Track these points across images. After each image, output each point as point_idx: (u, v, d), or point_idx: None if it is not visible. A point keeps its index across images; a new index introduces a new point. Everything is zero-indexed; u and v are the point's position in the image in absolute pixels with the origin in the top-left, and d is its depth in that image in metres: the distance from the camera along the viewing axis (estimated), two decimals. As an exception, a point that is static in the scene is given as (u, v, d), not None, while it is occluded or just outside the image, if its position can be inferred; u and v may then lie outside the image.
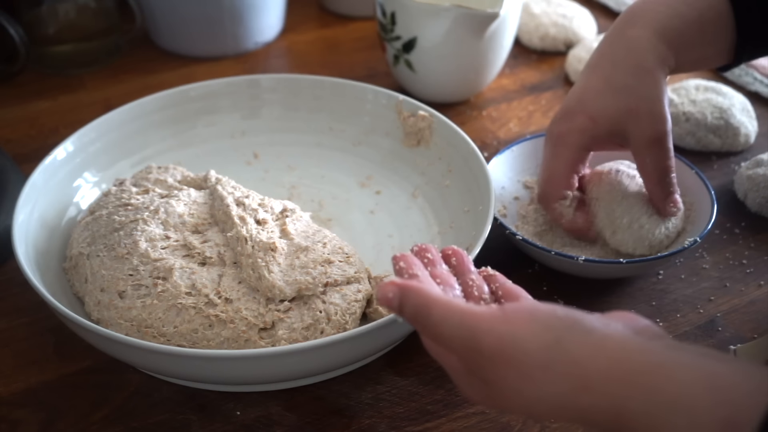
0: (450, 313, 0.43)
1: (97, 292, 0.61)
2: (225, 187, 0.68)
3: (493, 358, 0.41)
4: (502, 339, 0.41)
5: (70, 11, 0.95)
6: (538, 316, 0.42)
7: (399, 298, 0.44)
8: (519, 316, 0.42)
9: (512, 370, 0.41)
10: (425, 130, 0.77)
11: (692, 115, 0.84)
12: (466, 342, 0.42)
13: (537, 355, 0.40)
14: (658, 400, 0.38)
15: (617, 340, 0.40)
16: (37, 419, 0.59)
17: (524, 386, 0.41)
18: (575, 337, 0.40)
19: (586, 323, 0.41)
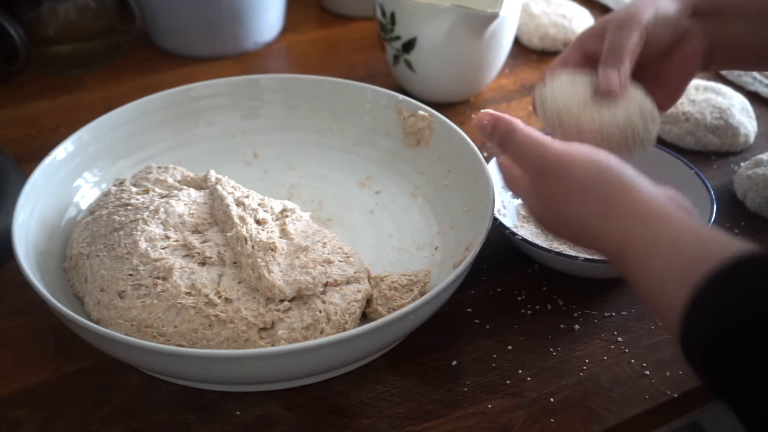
0: (528, 137, 0.54)
1: (97, 292, 0.61)
2: (225, 187, 0.68)
3: (550, 174, 0.52)
4: (561, 161, 0.52)
5: (71, 11, 0.95)
6: (594, 154, 0.52)
7: (491, 124, 0.56)
8: (580, 149, 0.52)
9: (561, 185, 0.52)
10: (425, 130, 0.77)
11: (692, 115, 0.84)
12: (535, 160, 0.53)
13: (582, 178, 0.51)
14: (654, 234, 0.47)
15: (645, 191, 0.49)
16: (37, 419, 0.59)
17: (565, 199, 0.51)
18: (615, 177, 0.50)
19: (629, 171, 0.51)
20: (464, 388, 0.61)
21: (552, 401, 0.60)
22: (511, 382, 0.61)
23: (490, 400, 0.60)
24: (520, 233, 0.69)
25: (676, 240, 0.46)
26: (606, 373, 0.62)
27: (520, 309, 0.67)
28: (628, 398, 0.60)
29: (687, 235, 0.46)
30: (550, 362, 0.63)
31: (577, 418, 0.59)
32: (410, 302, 0.62)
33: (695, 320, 0.43)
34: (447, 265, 0.68)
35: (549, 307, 0.67)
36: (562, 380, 0.61)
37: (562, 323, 0.66)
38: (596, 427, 0.58)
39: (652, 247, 0.47)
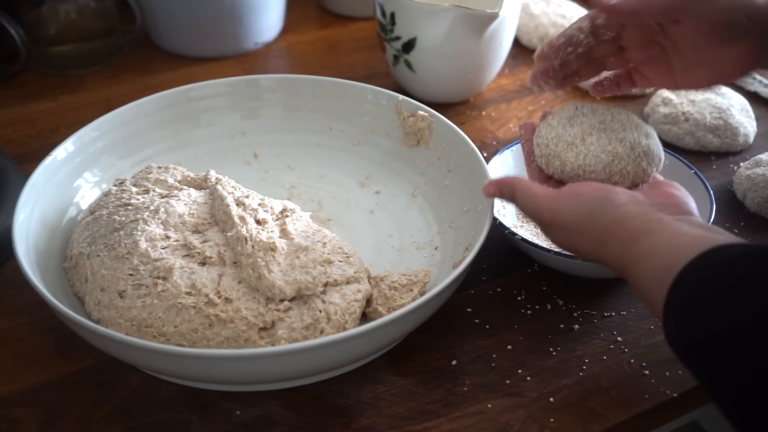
0: (526, 194, 0.60)
1: (97, 292, 0.61)
2: (225, 187, 0.69)
3: (548, 224, 0.59)
4: (554, 212, 0.58)
5: (71, 12, 0.95)
6: (581, 197, 0.57)
7: (498, 191, 0.63)
8: (567, 196, 0.58)
9: (561, 232, 0.58)
10: (425, 130, 0.77)
11: (691, 115, 0.84)
12: (534, 214, 0.60)
13: (575, 224, 0.57)
14: (637, 252, 0.52)
15: (632, 214, 0.55)
16: (37, 418, 0.59)
17: (568, 242, 0.59)
18: (603, 213, 0.56)
19: (615, 199, 0.56)
20: (464, 388, 0.61)
21: (552, 401, 0.60)
22: (510, 381, 0.61)
23: (490, 400, 0.60)
24: (519, 233, 0.69)
25: (654, 249, 0.51)
26: (606, 372, 0.62)
27: (519, 309, 0.67)
28: (627, 398, 0.60)
29: (665, 242, 0.51)
30: (550, 362, 0.63)
31: (577, 417, 0.59)
32: (410, 302, 0.62)
33: (670, 321, 0.48)
34: (447, 264, 0.68)
35: (549, 307, 0.67)
36: (561, 380, 0.61)
37: (561, 323, 0.66)
38: (596, 426, 0.58)
39: (638, 263, 0.52)
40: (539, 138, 0.67)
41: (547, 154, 0.66)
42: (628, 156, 0.63)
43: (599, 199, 0.57)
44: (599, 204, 0.56)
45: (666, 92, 0.88)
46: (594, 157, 0.63)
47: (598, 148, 0.63)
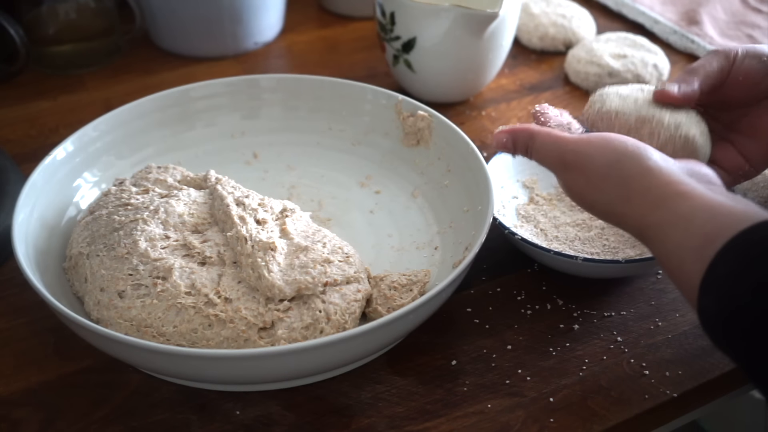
0: (548, 137, 0.57)
1: (96, 292, 0.61)
2: (225, 186, 0.69)
3: (571, 167, 0.55)
4: (579, 154, 0.55)
5: (70, 11, 0.95)
6: (611, 143, 0.54)
7: (511, 138, 0.59)
8: (596, 141, 0.55)
9: (582, 177, 0.55)
10: (425, 130, 0.77)
11: (691, 115, 0.84)
12: (556, 157, 0.56)
13: (600, 168, 0.54)
14: (669, 216, 0.49)
15: (662, 171, 0.51)
16: (37, 419, 0.59)
17: (587, 189, 0.55)
18: (632, 162, 0.52)
19: (647, 154, 0.53)
20: (464, 388, 0.61)
21: (551, 401, 0.60)
22: (510, 381, 0.61)
23: (490, 400, 0.60)
24: (519, 233, 0.69)
25: (691, 217, 0.48)
26: (605, 372, 0.62)
27: (519, 309, 0.67)
28: (627, 398, 0.60)
29: (702, 210, 0.48)
30: (550, 362, 0.63)
31: (577, 417, 0.59)
32: (410, 302, 0.62)
33: (710, 295, 0.46)
34: (446, 264, 0.68)
35: (548, 307, 0.67)
36: (561, 380, 0.61)
37: (561, 323, 0.66)
38: (596, 426, 0.58)
39: (669, 227, 0.49)
40: (613, 95, 0.64)
41: (616, 111, 0.63)
42: (668, 127, 0.62)
43: (630, 148, 0.53)
44: (629, 153, 0.53)
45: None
46: (636, 110, 0.62)
47: (646, 107, 0.63)
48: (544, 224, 0.73)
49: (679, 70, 0.97)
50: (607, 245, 0.71)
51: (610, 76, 0.92)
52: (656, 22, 1.05)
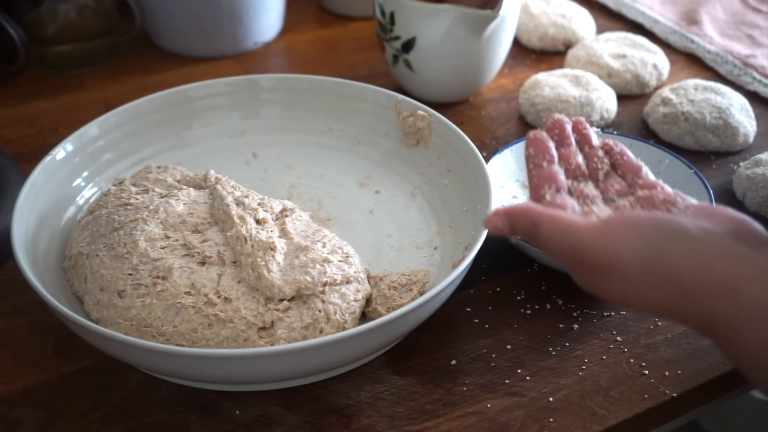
0: (557, 227, 0.47)
1: (96, 292, 0.61)
2: (225, 186, 0.68)
3: (596, 267, 0.45)
4: (604, 251, 0.45)
5: (70, 11, 0.95)
6: (639, 228, 0.45)
7: (508, 225, 0.49)
8: (620, 228, 0.45)
9: (614, 278, 0.45)
10: (424, 129, 0.77)
11: (691, 114, 0.84)
12: (573, 255, 0.46)
13: (638, 266, 0.44)
14: (743, 306, 0.41)
15: (714, 249, 0.43)
16: (36, 418, 0.59)
17: (625, 290, 0.45)
18: (675, 248, 0.43)
19: (687, 233, 0.44)
20: (463, 388, 0.61)
21: (551, 401, 0.60)
22: (510, 381, 0.61)
23: (489, 400, 0.60)
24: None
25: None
26: (605, 372, 0.62)
27: (519, 308, 0.67)
28: (627, 398, 0.60)
29: None
30: (549, 362, 0.63)
31: (576, 417, 0.59)
32: (409, 302, 0.62)
33: None
34: (446, 264, 0.68)
35: (548, 307, 0.67)
36: (561, 380, 0.61)
37: (561, 323, 0.66)
38: (595, 426, 0.58)
39: (745, 321, 0.41)
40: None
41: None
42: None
43: (666, 230, 0.44)
44: (668, 237, 0.44)
45: (666, 92, 0.88)
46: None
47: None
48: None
49: (679, 69, 0.98)
50: (607, 245, 0.70)
51: (609, 76, 0.92)
52: (656, 22, 1.05)
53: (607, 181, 0.54)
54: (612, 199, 0.52)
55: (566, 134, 0.55)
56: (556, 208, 0.50)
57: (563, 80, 0.88)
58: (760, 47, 1.00)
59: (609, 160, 0.55)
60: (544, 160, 0.53)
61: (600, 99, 0.86)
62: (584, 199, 0.52)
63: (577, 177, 0.53)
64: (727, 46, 1.00)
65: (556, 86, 0.87)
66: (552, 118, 0.56)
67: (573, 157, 0.54)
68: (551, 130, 0.55)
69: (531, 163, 0.53)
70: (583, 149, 0.55)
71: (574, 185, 0.53)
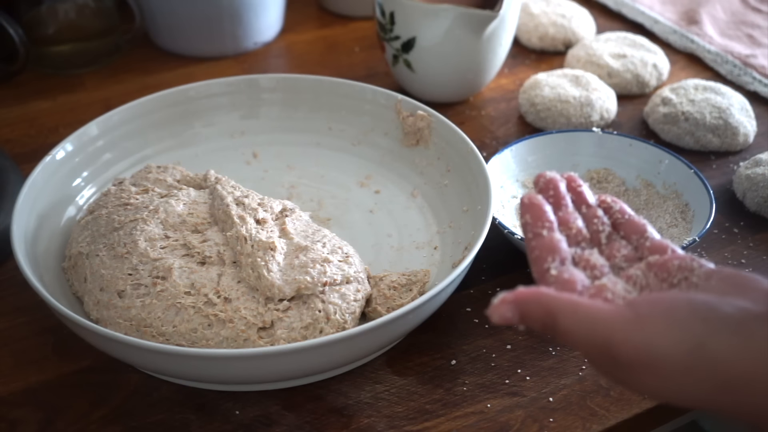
0: (578, 320, 0.41)
1: (96, 292, 0.61)
2: (224, 186, 0.68)
3: (629, 365, 0.40)
4: (639, 347, 0.40)
5: (70, 11, 0.95)
6: (676, 318, 0.40)
7: (519, 315, 0.42)
8: (654, 318, 0.40)
9: (650, 375, 0.40)
10: (424, 129, 0.77)
11: (691, 114, 0.84)
12: (600, 350, 0.41)
13: (678, 361, 0.39)
14: None
15: (761, 337, 0.39)
16: (36, 418, 0.59)
17: (668, 388, 0.40)
18: (719, 340, 0.39)
19: (730, 320, 0.39)
20: (463, 388, 0.61)
21: (551, 401, 0.60)
22: (510, 381, 0.61)
23: (489, 400, 0.60)
24: (519, 233, 0.69)
25: None
26: (605, 372, 0.62)
27: (519, 308, 0.67)
28: (627, 398, 0.60)
29: None
30: (549, 362, 0.63)
31: (577, 417, 0.59)
32: (409, 302, 0.62)
33: None
34: (446, 264, 0.68)
35: (548, 307, 0.67)
36: (561, 380, 0.61)
37: (561, 323, 0.66)
38: (595, 426, 0.58)
39: None
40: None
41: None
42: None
43: (708, 319, 0.39)
44: (710, 327, 0.39)
45: (666, 92, 0.87)
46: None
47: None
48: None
49: (679, 69, 0.98)
50: (607, 245, 0.70)
51: (609, 76, 0.92)
52: (656, 22, 1.05)
53: (611, 245, 0.48)
54: (621, 267, 0.47)
55: (561, 194, 0.49)
56: (564, 284, 0.45)
57: (563, 80, 0.88)
58: (760, 47, 1.00)
59: (609, 220, 0.49)
60: (543, 228, 0.47)
61: (600, 99, 0.86)
62: (591, 270, 0.46)
63: (579, 243, 0.48)
64: (727, 46, 1.00)
65: (556, 86, 0.87)
66: (544, 177, 0.50)
67: (573, 222, 0.48)
68: (545, 191, 0.49)
69: (530, 233, 0.47)
70: (580, 209, 0.50)
71: (577, 253, 0.47)
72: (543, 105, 0.86)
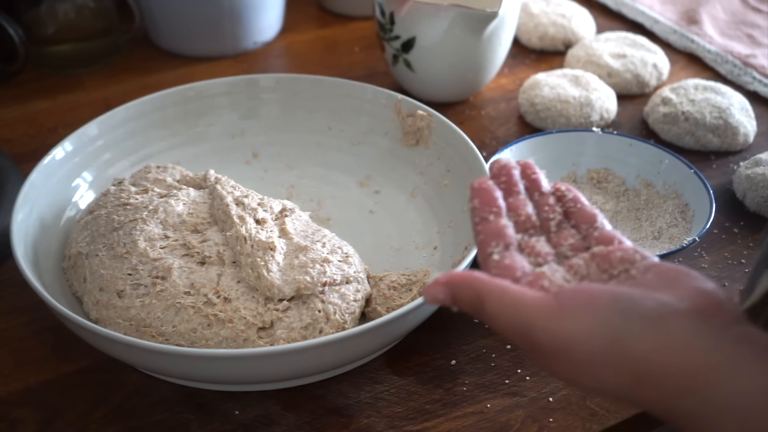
0: (503, 305, 0.42)
1: (95, 292, 0.61)
2: (224, 186, 0.68)
3: (550, 353, 0.41)
4: (559, 337, 0.40)
5: (70, 11, 0.95)
6: (596, 310, 0.40)
7: (450, 297, 0.44)
8: (575, 310, 0.40)
9: (571, 365, 0.40)
10: (424, 129, 0.77)
11: (691, 114, 0.84)
12: (523, 336, 0.41)
13: (593, 352, 0.39)
14: (712, 402, 0.37)
15: (678, 336, 0.39)
16: (35, 418, 0.59)
17: (583, 377, 0.41)
18: (635, 335, 0.39)
19: (648, 314, 0.39)
20: (463, 388, 0.61)
21: (551, 401, 0.60)
22: (510, 381, 0.61)
23: (489, 400, 0.60)
24: (519, 233, 0.69)
25: (744, 405, 0.37)
26: (605, 372, 0.62)
27: (519, 308, 0.67)
28: (627, 398, 0.60)
29: (759, 395, 0.37)
30: (549, 362, 0.63)
31: (576, 417, 0.59)
32: (409, 302, 0.62)
33: None
34: (446, 264, 0.68)
35: (548, 307, 0.67)
36: (561, 380, 0.61)
37: (561, 323, 0.66)
38: (595, 426, 0.58)
39: (713, 418, 0.38)
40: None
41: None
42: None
43: (624, 314, 0.40)
44: (628, 321, 0.39)
45: (666, 91, 0.87)
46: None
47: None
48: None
49: (679, 69, 0.98)
50: (607, 245, 0.70)
51: (609, 76, 0.92)
52: (656, 22, 1.05)
53: (560, 233, 0.48)
54: (566, 255, 0.46)
55: (514, 181, 0.49)
56: (504, 270, 0.45)
57: (563, 80, 0.88)
58: (760, 47, 1.00)
59: (562, 208, 0.49)
60: (490, 213, 0.47)
61: (600, 99, 0.86)
62: (535, 257, 0.46)
63: (528, 230, 0.47)
64: (727, 46, 1.00)
65: (555, 86, 0.87)
66: (498, 164, 0.49)
67: (522, 208, 0.48)
68: (497, 177, 0.49)
69: (477, 217, 0.47)
70: (533, 196, 0.49)
71: (524, 240, 0.47)
72: (543, 105, 0.86)
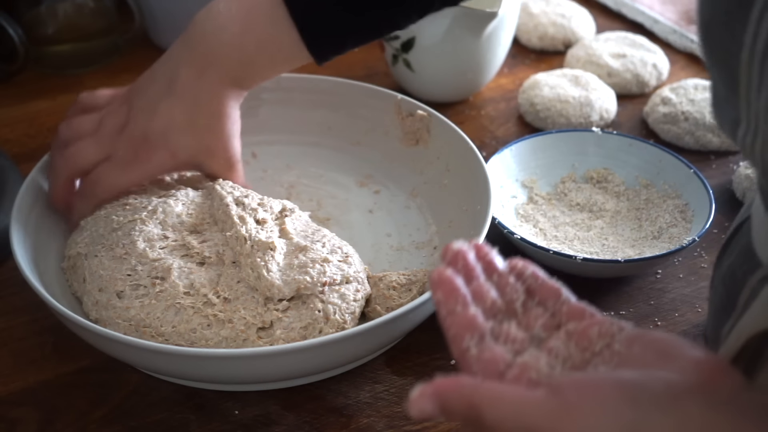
0: (503, 412, 0.39)
1: (95, 292, 0.61)
2: (224, 186, 0.68)
3: None
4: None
5: (69, 11, 0.95)
6: (605, 403, 0.38)
7: (440, 408, 0.40)
8: (583, 407, 0.38)
9: None
10: (424, 129, 0.77)
11: (690, 114, 0.84)
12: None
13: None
14: None
15: (698, 414, 0.37)
16: (35, 418, 0.59)
17: None
18: (654, 422, 0.37)
19: (662, 400, 0.38)
20: (463, 388, 0.61)
21: (551, 401, 0.60)
22: (509, 381, 0.61)
23: (489, 400, 0.60)
24: (518, 233, 0.69)
25: None
26: (605, 372, 0.62)
27: (518, 308, 0.67)
28: (626, 398, 0.60)
29: None
30: (549, 362, 0.63)
31: (576, 417, 0.59)
32: (409, 302, 0.62)
33: None
34: (446, 264, 0.67)
35: (548, 307, 0.67)
36: (560, 380, 0.61)
37: (560, 323, 0.66)
38: (595, 426, 0.58)
39: None
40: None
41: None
42: None
43: (635, 402, 0.38)
44: (641, 409, 0.38)
45: (666, 91, 0.87)
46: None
47: None
48: (543, 224, 0.73)
49: (679, 69, 0.98)
50: (607, 245, 0.71)
51: (609, 76, 0.92)
52: (656, 22, 1.05)
53: (528, 313, 0.46)
54: (541, 337, 0.45)
55: (471, 266, 0.47)
56: (486, 365, 0.43)
57: (563, 80, 0.88)
58: (759, 47, 1.00)
59: (523, 286, 0.47)
60: (457, 304, 0.44)
61: (599, 99, 0.86)
62: (512, 343, 0.44)
63: (496, 315, 0.45)
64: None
65: (555, 86, 0.87)
66: (451, 250, 0.47)
67: (486, 293, 0.45)
68: (454, 263, 0.46)
69: (443, 310, 0.44)
70: (492, 278, 0.47)
71: (496, 327, 0.45)
72: (542, 105, 0.86)
